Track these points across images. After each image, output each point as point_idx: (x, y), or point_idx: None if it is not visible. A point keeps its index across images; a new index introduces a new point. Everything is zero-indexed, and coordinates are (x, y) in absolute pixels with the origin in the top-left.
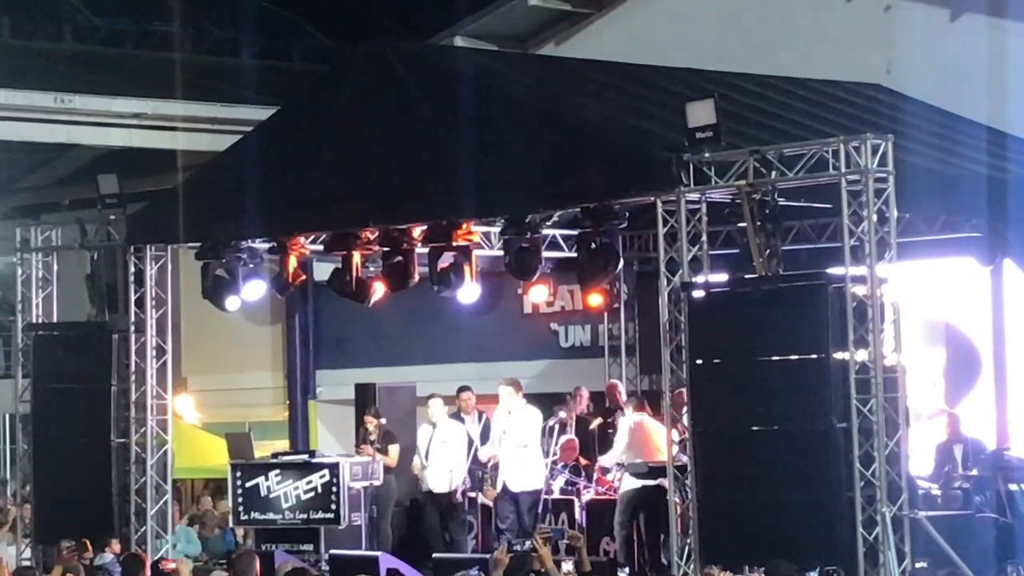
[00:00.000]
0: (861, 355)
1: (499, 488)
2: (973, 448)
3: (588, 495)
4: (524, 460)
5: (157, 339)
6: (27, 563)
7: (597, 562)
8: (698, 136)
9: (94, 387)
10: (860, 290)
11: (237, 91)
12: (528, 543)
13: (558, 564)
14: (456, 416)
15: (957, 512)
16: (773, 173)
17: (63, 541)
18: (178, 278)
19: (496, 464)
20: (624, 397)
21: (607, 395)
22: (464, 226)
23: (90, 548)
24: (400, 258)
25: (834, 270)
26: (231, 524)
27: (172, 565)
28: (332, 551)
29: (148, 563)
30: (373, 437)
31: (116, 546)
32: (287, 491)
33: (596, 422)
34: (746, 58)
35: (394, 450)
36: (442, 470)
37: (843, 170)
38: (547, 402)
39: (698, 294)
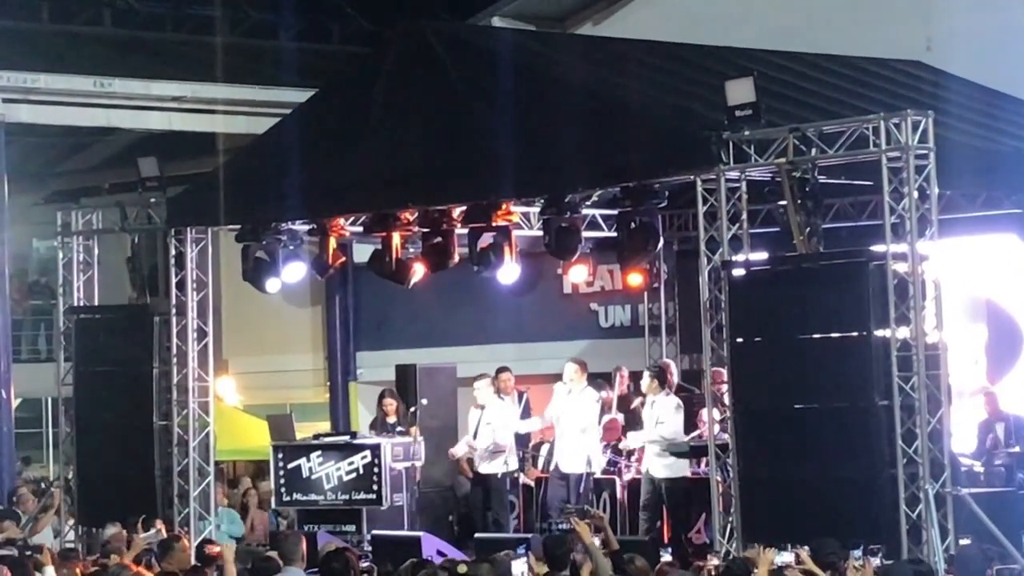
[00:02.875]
0: (903, 332)
1: (552, 467)
2: (1015, 425)
3: (629, 474)
4: (581, 443)
5: (198, 321)
6: (70, 545)
7: (640, 541)
8: (737, 114)
9: (136, 370)
10: (901, 267)
11: (276, 74)
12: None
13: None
14: (495, 396)
15: (1000, 489)
16: (813, 151)
17: (138, 522)
18: (218, 260)
19: (538, 444)
20: (676, 378)
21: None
22: (504, 206)
23: (140, 529)
24: (440, 239)
25: (875, 247)
26: (273, 505)
27: (217, 549)
28: (374, 531)
29: (189, 544)
30: (392, 420)
31: (162, 526)
32: (329, 472)
33: (638, 401)
34: (785, 36)
35: (416, 431)
36: (489, 451)
37: (883, 147)
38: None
39: (738, 272)
